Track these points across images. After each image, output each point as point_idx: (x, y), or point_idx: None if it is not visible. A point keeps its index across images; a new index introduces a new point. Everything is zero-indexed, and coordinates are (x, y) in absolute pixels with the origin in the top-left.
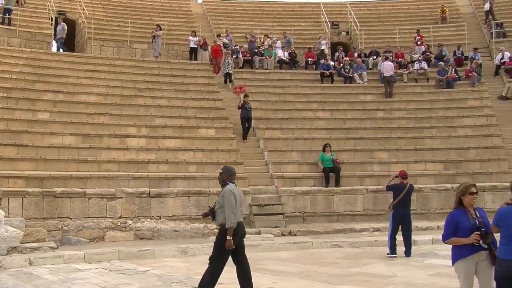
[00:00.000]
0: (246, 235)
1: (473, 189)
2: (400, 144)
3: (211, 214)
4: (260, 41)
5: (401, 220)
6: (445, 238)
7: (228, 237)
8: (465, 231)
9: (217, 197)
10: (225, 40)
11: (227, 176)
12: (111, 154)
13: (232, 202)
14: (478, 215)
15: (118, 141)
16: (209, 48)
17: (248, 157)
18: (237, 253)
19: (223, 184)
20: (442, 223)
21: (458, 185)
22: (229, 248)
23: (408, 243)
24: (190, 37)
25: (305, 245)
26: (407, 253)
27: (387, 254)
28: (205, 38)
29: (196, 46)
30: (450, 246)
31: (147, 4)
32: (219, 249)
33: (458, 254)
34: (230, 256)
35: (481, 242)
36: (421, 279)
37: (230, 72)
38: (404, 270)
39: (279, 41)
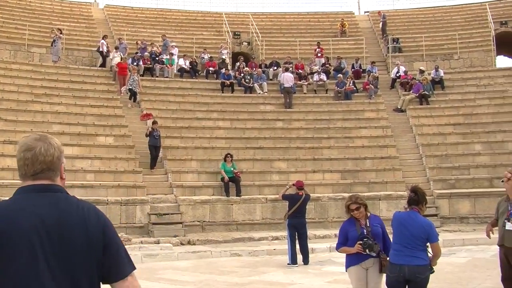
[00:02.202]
0: (145, 245)
1: (352, 207)
2: (299, 154)
3: None
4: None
5: (297, 229)
6: (337, 247)
7: None
8: (353, 241)
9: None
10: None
11: None
12: (5, 161)
13: None
14: (368, 225)
15: (12, 147)
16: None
17: (147, 165)
18: None
19: None
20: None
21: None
22: None
23: (305, 252)
24: (102, 41)
25: (204, 254)
26: (305, 261)
27: (288, 263)
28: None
29: (108, 51)
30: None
31: (47, 8)
32: None
33: (349, 261)
34: None
35: (367, 251)
36: (319, 286)
37: (136, 90)
38: (302, 277)
39: (176, 48)
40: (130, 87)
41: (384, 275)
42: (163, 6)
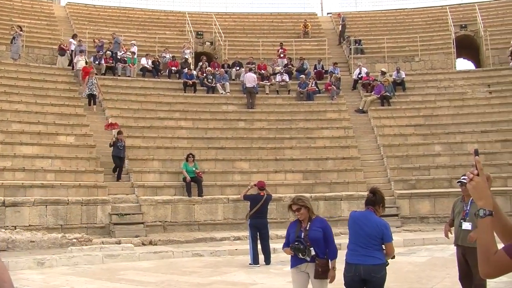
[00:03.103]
0: (106, 245)
1: (293, 207)
2: (261, 154)
3: None
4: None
5: (258, 229)
6: (282, 247)
7: None
8: (292, 243)
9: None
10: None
11: None
12: None
13: None
14: (308, 228)
15: None
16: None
17: (108, 165)
18: None
19: None
20: None
21: (315, 194)
22: None
23: (266, 252)
24: (71, 40)
25: (166, 254)
26: (267, 261)
27: (249, 263)
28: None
29: (78, 50)
30: None
31: (7, 4)
32: None
33: (290, 263)
34: None
35: (300, 254)
36: (281, 286)
37: (95, 93)
38: (264, 277)
39: (135, 46)
40: (90, 92)
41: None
42: (126, 4)
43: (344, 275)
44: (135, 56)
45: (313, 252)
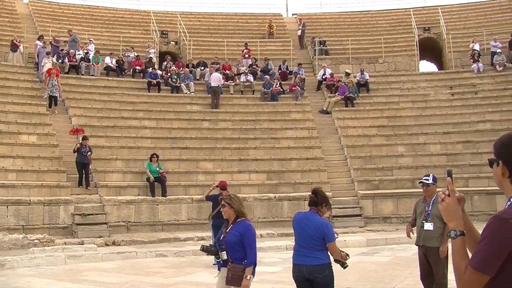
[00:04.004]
0: (68, 246)
1: (222, 202)
2: (225, 154)
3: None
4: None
5: (220, 229)
6: None
7: None
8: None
9: None
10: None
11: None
12: None
13: None
14: (228, 230)
15: None
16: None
17: (71, 165)
18: None
19: None
20: (265, 231)
21: (279, 195)
22: None
23: None
24: (37, 42)
25: (130, 255)
26: None
27: (213, 264)
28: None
29: (43, 52)
30: (273, 253)
31: None
32: None
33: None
34: None
35: (215, 257)
36: None
37: (56, 95)
38: None
39: (92, 44)
40: (51, 94)
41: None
42: (90, 2)
43: (292, 276)
44: (92, 55)
45: (224, 257)
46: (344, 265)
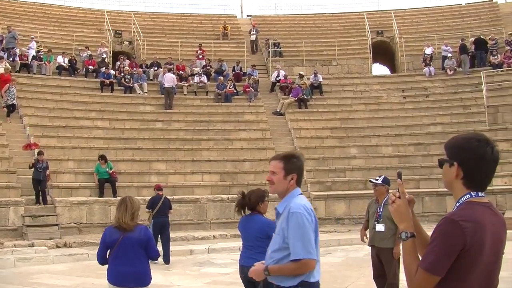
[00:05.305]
0: (18, 248)
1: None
2: (178, 155)
3: None
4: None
5: (161, 227)
6: None
7: None
8: None
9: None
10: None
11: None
12: None
13: None
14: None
15: None
16: None
17: (23, 165)
18: None
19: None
20: (218, 233)
21: (232, 196)
22: None
23: (166, 250)
24: None
25: (81, 257)
26: (166, 260)
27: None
28: None
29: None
30: (226, 254)
31: None
32: None
33: None
34: None
35: None
36: (198, 287)
37: (15, 103)
38: (181, 279)
39: (34, 42)
40: (9, 103)
41: None
42: (43, 0)
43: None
44: (33, 53)
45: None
46: None
